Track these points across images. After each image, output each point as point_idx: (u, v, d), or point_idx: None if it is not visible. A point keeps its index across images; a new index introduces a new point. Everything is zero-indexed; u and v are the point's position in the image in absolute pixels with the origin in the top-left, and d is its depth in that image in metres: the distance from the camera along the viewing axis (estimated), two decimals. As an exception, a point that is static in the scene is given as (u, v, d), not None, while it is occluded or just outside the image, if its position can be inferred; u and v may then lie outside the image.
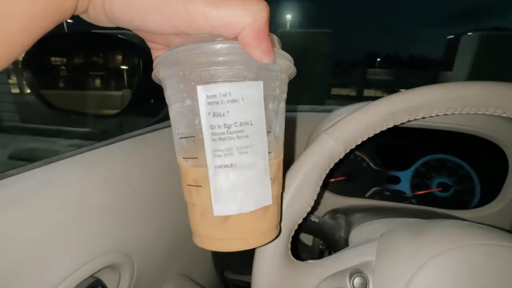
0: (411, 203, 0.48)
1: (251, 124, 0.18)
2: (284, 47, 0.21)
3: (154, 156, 0.38)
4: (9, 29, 0.11)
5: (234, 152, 0.18)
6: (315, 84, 3.37)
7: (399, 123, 0.26)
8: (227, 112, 0.17)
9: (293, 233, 0.26)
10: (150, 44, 0.20)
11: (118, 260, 0.31)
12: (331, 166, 0.26)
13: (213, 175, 0.18)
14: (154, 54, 0.20)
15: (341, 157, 0.26)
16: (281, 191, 0.22)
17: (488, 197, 0.43)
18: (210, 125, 0.17)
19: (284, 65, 0.19)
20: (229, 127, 0.17)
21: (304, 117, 0.58)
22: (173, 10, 0.14)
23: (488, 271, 0.22)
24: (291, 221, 0.25)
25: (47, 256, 0.24)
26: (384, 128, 0.26)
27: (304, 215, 0.26)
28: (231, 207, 0.19)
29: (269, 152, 0.19)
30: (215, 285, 0.58)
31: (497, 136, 0.39)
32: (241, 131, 0.18)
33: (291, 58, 0.20)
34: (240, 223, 0.19)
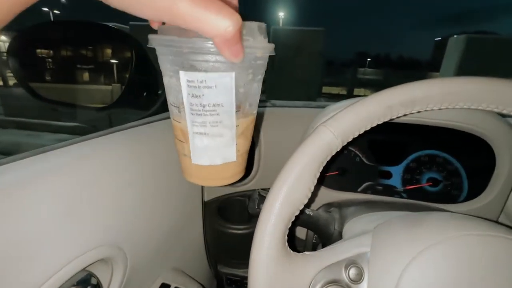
0: (402, 197, 0.49)
1: (222, 106, 0.22)
2: (277, 44, 0.24)
3: (148, 149, 0.38)
4: None
5: (207, 125, 0.22)
6: (306, 82, 3.39)
7: (395, 117, 0.27)
8: (203, 95, 0.21)
9: (290, 224, 0.26)
10: None
11: (110, 253, 0.31)
12: (329, 158, 0.26)
13: (192, 138, 0.23)
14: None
15: (339, 149, 0.26)
16: (248, 146, 0.28)
17: (475, 191, 0.45)
18: (190, 103, 0.21)
19: (260, 54, 0.22)
20: (204, 106, 0.21)
21: (298, 112, 0.58)
22: (161, 7, 0.16)
23: (482, 261, 0.23)
24: (288, 212, 0.25)
25: (37, 249, 0.24)
26: (381, 121, 0.27)
27: (302, 206, 0.26)
28: (204, 160, 0.25)
29: (237, 126, 0.24)
30: (209, 279, 0.58)
31: (485, 132, 0.40)
32: (213, 110, 0.22)
33: (269, 46, 0.23)
34: (212, 169, 0.26)
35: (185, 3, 0.16)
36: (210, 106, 0.21)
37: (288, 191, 0.25)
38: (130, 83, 0.58)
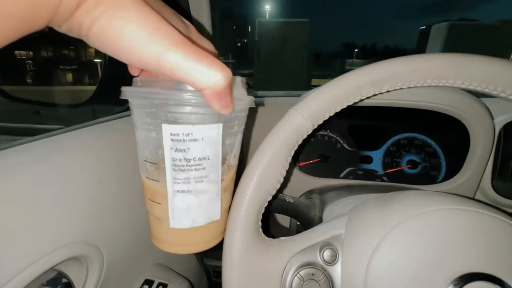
0: (383, 181, 0.50)
1: (208, 159, 0.21)
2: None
3: (121, 144, 0.36)
4: None
5: (191, 181, 0.21)
6: (295, 74, 3.38)
7: (365, 97, 0.27)
8: (188, 149, 0.20)
9: (263, 210, 0.26)
10: None
11: (83, 251, 0.30)
12: (300, 142, 0.26)
13: (172, 197, 0.21)
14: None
15: (309, 132, 0.26)
16: (230, 204, 0.25)
17: (452, 171, 0.46)
18: (172, 158, 0.20)
19: (244, 106, 0.22)
20: (188, 161, 0.20)
21: (279, 102, 0.57)
22: (148, 56, 0.15)
23: (451, 235, 0.23)
24: (260, 198, 0.25)
25: None
26: (351, 102, 0.26)
27: (274, 192, 0.26)
28: (185, 223, 0.22)
29: (222, 179, 0.22)
30: (197, 273, 0.57)
31: (459, 112, 0.41)
32: (199, 164, 0.20)
33: (251, 99, 0.23)
34: (192, 233, 0.23)
35: (176, 54, 0.15)
36: (196, 160, 0.20)
37: (259, 177, 0.25)
38: (104, 78, 0.57)
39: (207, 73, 0.16)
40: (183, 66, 0.16)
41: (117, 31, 0.14)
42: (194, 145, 0.20)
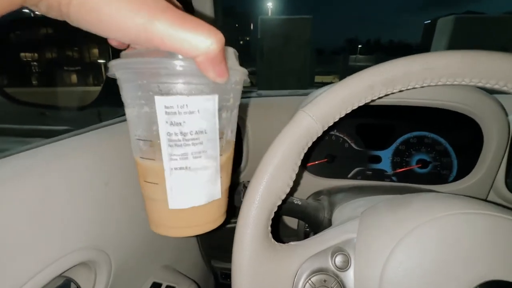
0: (392, 181, 0.49)
1: (205, 133, 0.20)
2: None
3: (126, 146, 0.36)
4: None
5: (189, 156, 0.20)
6: (298, 72, 3.36)
7: (377, 97, 0.26)
8: (184, 122, 0.19)
9: (272, 215, 0.25)
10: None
11: (92, 256, 0.30)
12: (310, 144, 0.25)
13: (169, 175, 0.20)
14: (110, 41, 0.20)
15: (319, 134, 0.25)
16: (229, 184, 0.25)
17: (464, 170, 0.45)
18: (167, 133, 0.19)
19: (239, 78, 0.21)
20: (185, 135, 0.19)
21: (284, 101, 0.57)
22: (134, 27, 0.14)
23: (467, 240, 0.22)
24: (269, 203, 0.24)
25: (6, 256, 0.22)
26: (362, 103, 0.26)
27: (283, 196, 0.25)
28: (185, 202, 0.21)
29: (220, 155, 0.21)
30: (204, 275, 0.57)
31: (471, 109, 0.40)
32: (196, 138, 0.19)
33: (245, 71, 0.22)
34: (192, 214, 0.22)
35: (163, 22, 0.14)
36: (192, 134, 0.19)
37: (268, 181, 0.24)
38: (108, 80, 0.56)
39: (198, 39, 0.15)
40: (172, 34, 0.15)
41: (98, 3, 0.14)
42: (190, 118, 0.19)
